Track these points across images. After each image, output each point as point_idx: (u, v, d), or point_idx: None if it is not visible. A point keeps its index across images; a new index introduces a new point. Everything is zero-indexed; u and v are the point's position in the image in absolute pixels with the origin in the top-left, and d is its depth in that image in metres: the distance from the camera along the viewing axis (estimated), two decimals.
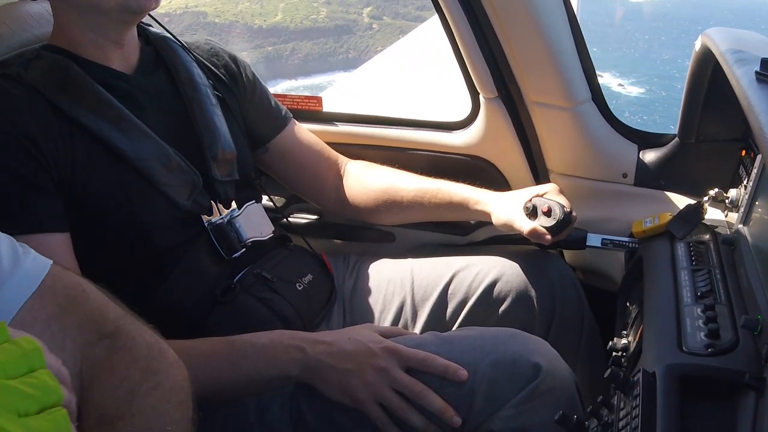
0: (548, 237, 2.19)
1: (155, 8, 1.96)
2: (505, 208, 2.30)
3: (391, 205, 2.49)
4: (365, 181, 2.55)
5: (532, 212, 2.22)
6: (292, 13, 70.02)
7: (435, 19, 2.51)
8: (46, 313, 1.35)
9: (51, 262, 1.44)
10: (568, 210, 2.21)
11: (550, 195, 2.27)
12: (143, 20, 2.11)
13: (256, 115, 2.41)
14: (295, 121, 2.54)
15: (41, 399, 0.92)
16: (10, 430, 0.85)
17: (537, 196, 2.26)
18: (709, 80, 2.19)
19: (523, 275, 2.29)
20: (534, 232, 2.20)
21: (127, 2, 1.88)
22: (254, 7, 64.31)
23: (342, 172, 2.60)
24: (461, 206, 2.40)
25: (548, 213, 2.19)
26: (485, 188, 2.41)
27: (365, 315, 2.40)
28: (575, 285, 2.34)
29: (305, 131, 2.56)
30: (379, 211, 2.54)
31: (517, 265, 2.32)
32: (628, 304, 2.07)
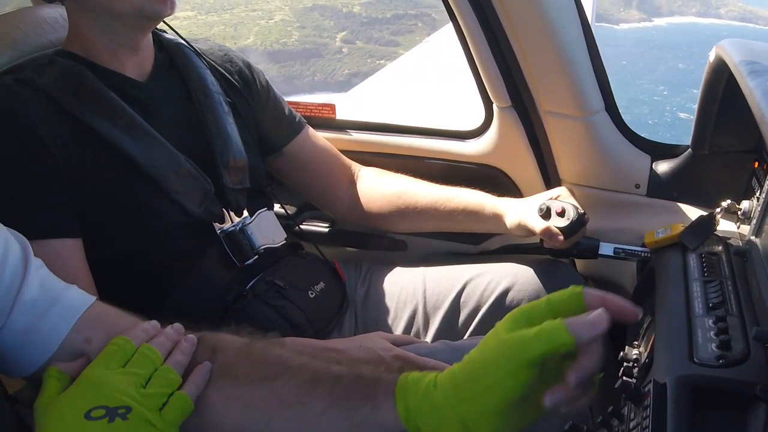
0: (561, 237, 2.18)
1: (170, 14, 1.97)
2: (519, 210, 2.30)
3: (405, 211, 2.49)
4: (379, 187, 2.55)
5: (545, 213, 2.22)
6: (264, 37, 70.34)
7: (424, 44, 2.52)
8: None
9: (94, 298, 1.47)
10: (582, 212, 2.21)
11: (564, 197, 2.27)
12: (157, 26, 2.12)
13: (270, 121, 2.41)
14: (309, 127, 2.54)
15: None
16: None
17: (551, 198, 2.26)
18: (722, 91, 2.18)
19: (536, 284, 2.28)
20: (547, 231, 2.19)
21: (143, 7, 1.89)
22: (228, 30, 64.49)
23: (355, 178, 2.60)
24: (475, 212, 2.39)
25: (562, 214, 2.19)
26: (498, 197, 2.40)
27: (377, 323, 2.40)
28: None
29: (319, 138, 2.57)
30: (393, 217, 2.54)
31: (530, 274, 2.31)
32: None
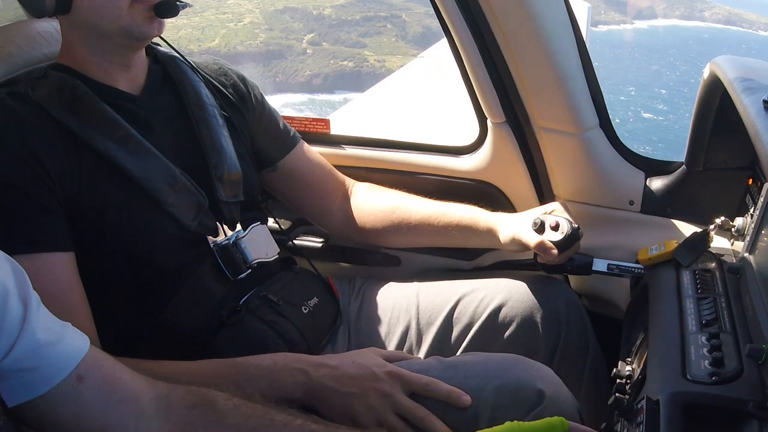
0: (555, 252, 2.18)
1: (158, 35, 1.97)
2: (513, 224, 2.30)
3: (398, 226, 2.49)
4: (373, 202, 2.54)
5: (539, 227, 2.22)
6: (230, 39, 70.98)
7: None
8: None
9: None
10: (576, 226, 2.21)
11: (558, 212, 2.27)
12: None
13: (264, 135, 2.41)
14: (304, 142, 2.54)
15: None
16: None
17: (545, 213, 2.26)
18: (717, 108, 2.19)
19: (529, 301, 2.28)
20: (541, 245, 2.19)
21: (129, 28, 1.89)
22: (195, 33, 64.94)
23: (349, 193, 2.60)
24: (469, 226, 2.39)
25: (556, 228, 2.19)
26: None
27: (370, 338, 2.40)
28: (580, 311, 2.34)
29: (314, 152, 2.57)
30: (387, 233, 2.53)
31: (523, 290, 2.31)
32: (632, 331, 2.07)
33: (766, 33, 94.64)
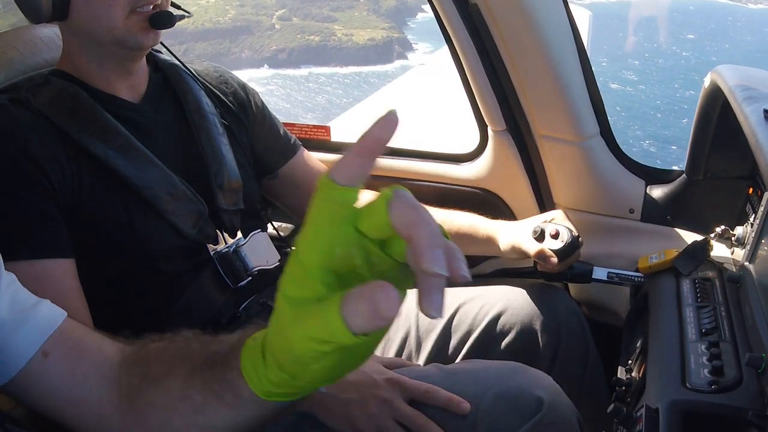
0: (555, 260, 2.18)
1: (154, 45, 1.97)
2: (512, 232, 2.31)
3: None
4: None
5: (539, 235, 2.22)
6: (200, 16, 72.05)
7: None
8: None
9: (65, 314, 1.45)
10: (576, 234, 2.21)
11: (558, 220, 2.27)
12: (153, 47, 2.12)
13: (265, 143, 2.41)
14: (304, 149, 2.54)
15: None
16: None
17: (545, 222, 2.27)
18: (717, 117, 2.19)
19: (529, 308, 2.28)
20: (541, 254, 2.20)
21: (124, 38, 1.89)
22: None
23: None
24: (469, 234, 2.39)
25: (556, 236, 2.20)
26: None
27: None
28: (580, 319, 2.34)
29: (314, 159, 2.56)
30: None
31: (523, 298, 2.31)
32: (632, 339, 2.07)
33: (756, 6, 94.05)
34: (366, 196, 0.93)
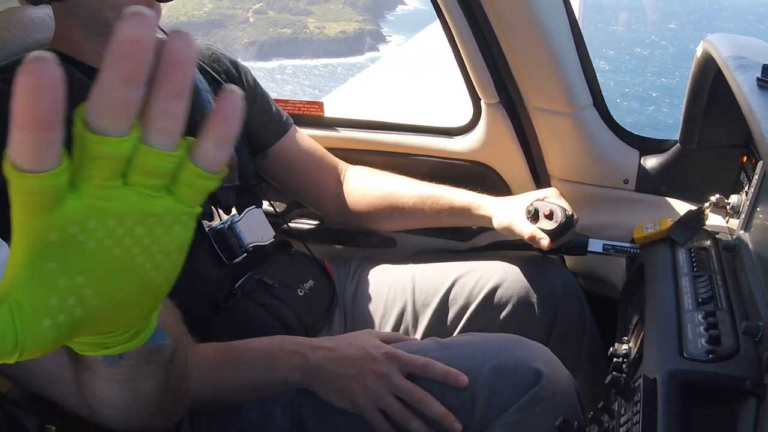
0: (547, 242, 2.18)
1: (158, 20, 1.96)
2: (507, 212, 2.30)
3: (391, 211, 2.49)
4: (365, 188, 2.55)
5: (533, 216, 2.22)
6: (176, 9, 72.08)
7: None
8: None
9: None
10: (570, 213, 2.21)
11: (552, 199, 2.27)
12: None
13: (257, 121, 2.41)
14: (296, 127, 2.54)
15: None
16: None
17: (538, 200, 2.26)
18: (710, 86, 2.19)
19: (525, 281, 2.28)
20: (535, 237, 2.20)
21: None
22: None
23: (342, 177, 2.60)
24: (463, 211, 2.40)
25: (550, 216, 2.19)
26: (487, 194, 2.41)
27: (366, 321, 2.40)
28: (577, 291, 2.34)
29: (306, 137, 2.56)
30: (380, 218, 2.54)
31: (519, 270, 2.31)
32: (629, 310, 2.07)
33: None
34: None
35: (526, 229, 2.22)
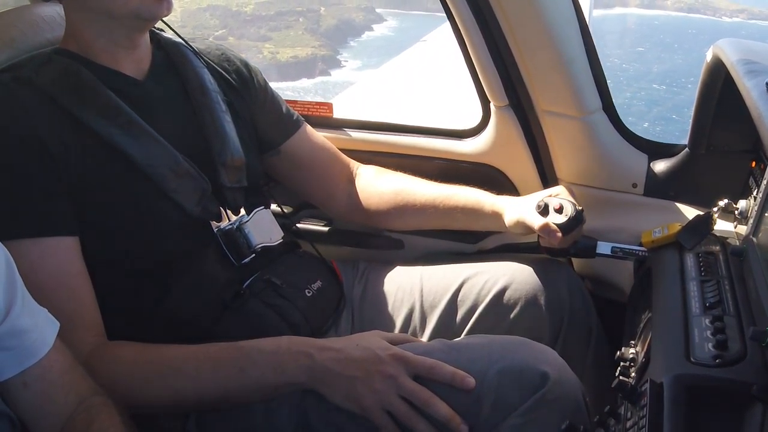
0: (559, 234, 2.18)
1: (167, 15, 1.97)
2: (517, 208, 2.30)
3: (404, 208, 2.49)
4: (377, 185, 2.55)
5: (543, 210, 2.22)
6: None
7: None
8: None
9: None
10: (580, 209, 2.21)
11: (561, 195, 2.27)
12: (155, 25, 2.12)
13: (267, 120, 2.41)
14: (307, 125, 2.54)
15: None
16: None
17: (549, 196, 2.26)
18: (720, 91, 2.18)
19: (532, 284, 2.28)
20: (546, 228, 2.19)
21: (139, 9, 1.89)
22: None
23: (354, 175, 2.60)
24: (474, 210, 2.40)
25: (560, 211, 2.20)
26: None
27: (374, 322, 2.40)
28: (584, 294, 2.34)
29: (318, 135, 2.57)
30: (392, 216, 2.54)
31: (526, 273, 2.31)
32: (636, 314, 2.07)
33: (731, 19, 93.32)
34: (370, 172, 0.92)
35: (536, 221, 2.21)
